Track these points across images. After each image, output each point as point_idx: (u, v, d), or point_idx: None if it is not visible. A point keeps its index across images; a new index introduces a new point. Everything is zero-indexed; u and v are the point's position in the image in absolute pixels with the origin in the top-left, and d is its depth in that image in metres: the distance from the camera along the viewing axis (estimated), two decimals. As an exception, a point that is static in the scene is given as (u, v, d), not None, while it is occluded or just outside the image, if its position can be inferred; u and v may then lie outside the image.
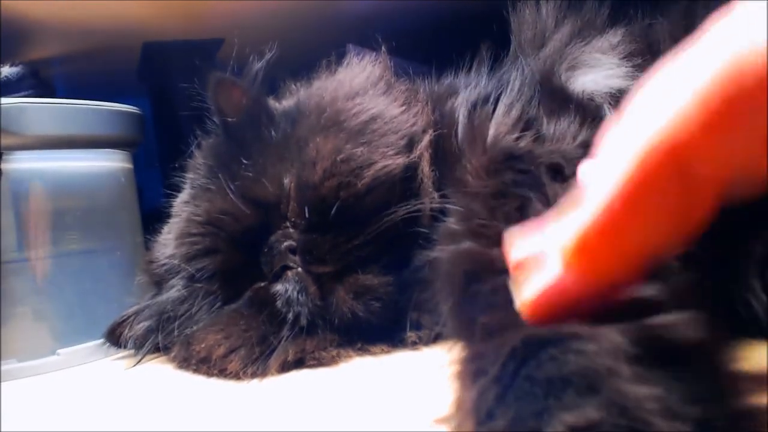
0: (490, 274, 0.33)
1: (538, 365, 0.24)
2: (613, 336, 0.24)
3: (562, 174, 0.39)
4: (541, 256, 0.25)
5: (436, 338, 0.51)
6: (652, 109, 0.22)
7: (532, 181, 0.40)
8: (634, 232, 0.22)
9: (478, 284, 0.33)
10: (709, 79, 0.20)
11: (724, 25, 0.22)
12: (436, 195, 0.53)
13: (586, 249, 0.23)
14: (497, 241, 0.34)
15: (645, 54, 0.52)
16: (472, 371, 0.28)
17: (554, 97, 0.53)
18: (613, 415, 0.22)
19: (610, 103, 0.50)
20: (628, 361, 0.23)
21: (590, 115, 0.50)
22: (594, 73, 0.53)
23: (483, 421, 0.25)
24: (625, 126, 0.22)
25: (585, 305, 0.24)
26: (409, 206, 0.51)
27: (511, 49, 0.61)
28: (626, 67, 0.51)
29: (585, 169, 0.24)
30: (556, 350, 0.24)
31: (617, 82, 0.51)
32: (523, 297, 0.25)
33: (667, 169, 0.21)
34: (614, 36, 0.55)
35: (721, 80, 0.20)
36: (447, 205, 0.46)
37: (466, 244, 0.37)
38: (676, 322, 0.25)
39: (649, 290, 0.25)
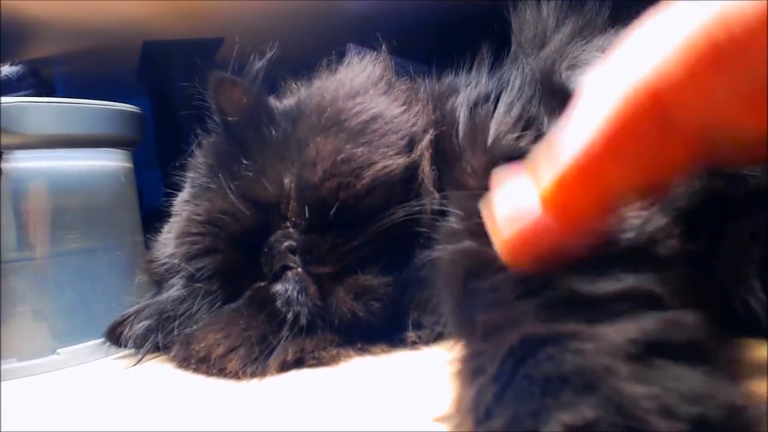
0: (489, 272, 0.33)
1: (536, 364, 0.24)
2: (610, 335, 0.24)
3: None
4: (522, 195, 0.24)
5: (435, 338, 0.51)
6: (639, 53, 0.21)
7: None
8: (612, 175, 0.22)
9: (478, 282, 0.33)
10: (698, 25, 0.20)
11: None
12: (436, 195, 0.53)
13: (564, 190, 0.22)
14: None
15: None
16: (471, 370, 0.28)
17: (555, 95, 0.53)
18: (611, 414, 0.22)
19: None
20: (625, 360, 0.23)
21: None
22: (595, 72, 0.52)
23: (481, 420, 0.25)
24: (611, 68, 0.22)
25: (563, 248, 0.24)
26: (408, 208, 0.51)
27: (511, 48, 0.61)
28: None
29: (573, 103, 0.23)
30: (554, 349, 0.24)
31: None
32: (502, 236, 0.25)
33: (648, 114, 0.21)
34: (616, 35, 0.54)
35: (709, 26, 0.20)
36: (447, 206, 0.46)
37: (466, 243, 0.37)
38: (674, 320, 0.25)
39: (626, 237, 0.25)
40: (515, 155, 0.45)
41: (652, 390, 0.22)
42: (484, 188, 0.42)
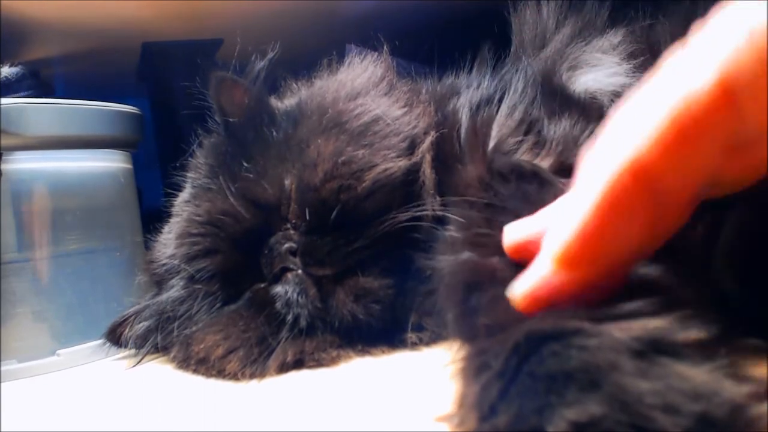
0: (489, 284, 0.33)
1: (541, 361, 0.24)
2: (615, 332, 0.24)
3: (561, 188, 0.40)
4: (535, 247, 0.28)
5: (436, 339, 0.51)
6: (621, 136, 0.26)
7: (530, 194, 0.40)
8: (610, 242, 0.26)
9: (479, 294, 0.33)
10: (666, 112, 0.24)
11: (677, 64, 0.26)
12: (437, 198, 0.53)
13: (569, 257, 0.27)
14: (495, 251, 0.34)
15: (646, 54, 0.52)
16: (475, 366, 0.28)
17: (555, 97, 0.53)
18: (615, 411, 0.22)
19: (612, 101, 0.50)
20: (629, 357, 0.23)
21: (592, 114, 0.50)
22: (595, 72, 0.53)
23: (486, 416, 0.25)
24: (600, 150, 0.26)
25: (572, 302, 0.27)
26: (410, 212, 0.50)
27: (512, 49, 0.61)
28: (628, 66, 0.51)
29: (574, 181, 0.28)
30: (559, 345, 0.24)
31: (620, 80, 0.51)
32: (515, 289, 0.28)
33: (634, 187, 0.25)
34: (615, 36, 0.55)
35: (675, 113, 0.24)
36: (447, 214, 0.46)
37: (465, 255, 0.38)
38: (678, 318, 0.25)
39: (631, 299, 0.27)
40: (513, 170, 0.45)
41: (656, 387, 0.22)
42: (482, 198, 0.43)
